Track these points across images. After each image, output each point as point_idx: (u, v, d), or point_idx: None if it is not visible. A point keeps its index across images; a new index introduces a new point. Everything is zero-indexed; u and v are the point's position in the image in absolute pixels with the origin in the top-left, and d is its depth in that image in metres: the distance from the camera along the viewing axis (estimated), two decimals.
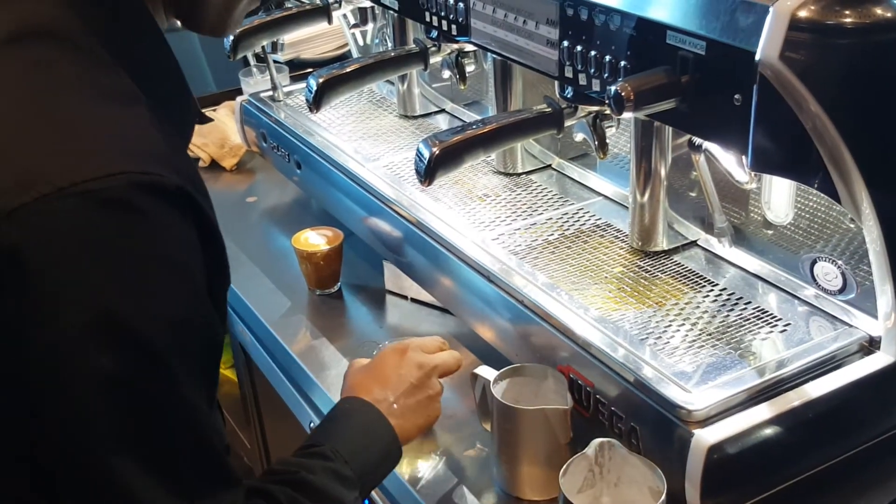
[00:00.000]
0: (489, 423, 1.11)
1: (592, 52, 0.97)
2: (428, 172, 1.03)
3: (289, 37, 2.12)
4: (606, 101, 0.87)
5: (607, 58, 0.95)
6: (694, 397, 0.95)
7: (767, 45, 0.77)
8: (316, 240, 1.46)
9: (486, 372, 1.12)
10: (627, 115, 0.86)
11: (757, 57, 0.78)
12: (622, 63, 0.93)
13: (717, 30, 0.83)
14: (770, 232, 1.13)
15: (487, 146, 1.08)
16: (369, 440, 1.01)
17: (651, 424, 0.98)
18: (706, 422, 0.94)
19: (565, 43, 1.00)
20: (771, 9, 0.77)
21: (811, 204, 1.07)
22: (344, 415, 1.04)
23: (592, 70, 0.97)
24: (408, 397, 1.06)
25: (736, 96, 0.82)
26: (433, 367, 1.10)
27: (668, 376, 0.99)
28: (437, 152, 1.03)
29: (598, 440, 0.99)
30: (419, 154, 1.04)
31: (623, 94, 0.85)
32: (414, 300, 1.45)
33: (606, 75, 0.96)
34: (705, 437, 0.92)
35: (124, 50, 0.75)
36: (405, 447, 1.05)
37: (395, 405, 1.05)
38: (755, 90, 0.80)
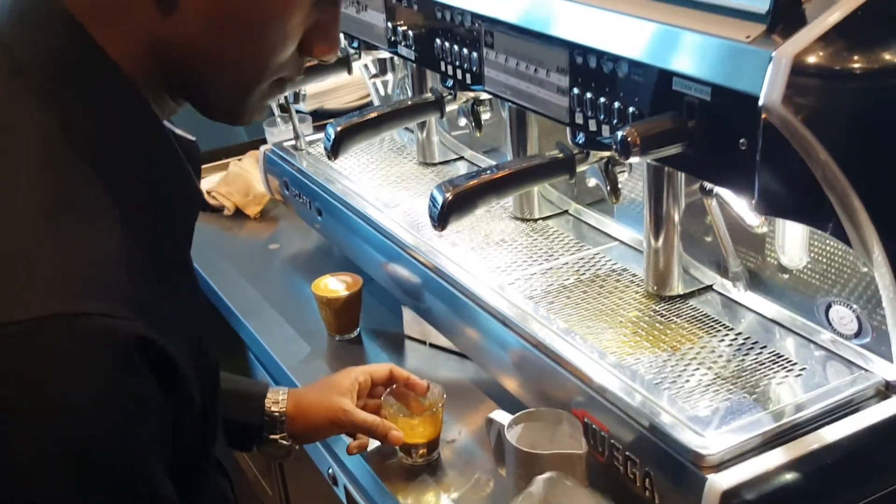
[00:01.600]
0: (505, 467, 1.11)
1: (602, 99, 0.98)
2: (441, 218, 1.05)
3: (313, 87, 2.17)
4: (614, 147, 0.89)
5: (616, 104, 0.96)
6: (708, 442, 0.95)
7: (770, 90, 0.78)
8: (335, 285, 1.47)
9: (501, 416, 1.12)
10: (635, 159, 0.88)
11: (760, 102, 0.79)
12: (630, 109, 0.95)
13: (722, 75, 0.84)
14: (786, 276, 1.13)
15: (500, 191, 1.10)
16: None
17: (665, 469, 0.97)
18: (720, 466, 0.93)
19: (575, 90, 1.01)
20: (773, 54, 0.78)
21: (826, 248, 1.07)
22: None
23: (602, 116, 0.99)
24: None
25: (741, 141, 0.83)
26: None
27: (683, 421, 0.99)
28: (451, 198, 1.04)
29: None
30: (433, 199, 1.06)
31: (629, 139, 0.87)
32: (432, 345, 1.45)
33: (616, 121, 0.97)
34: (719, 481, 0.91)
35: (105, 147, 0.72)
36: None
37: None
38: (759, 135, 0.81)
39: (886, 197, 0.87)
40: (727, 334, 1.13)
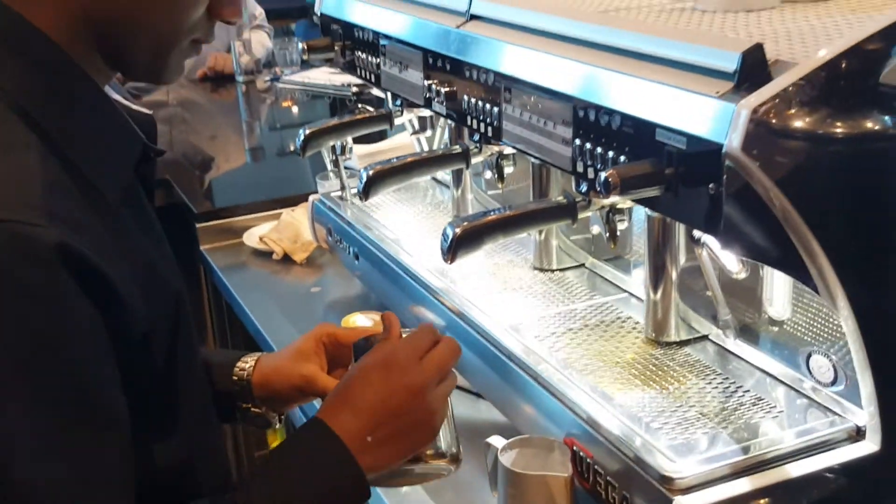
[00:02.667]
0: (497, 489, 1.19)
1: (598, 149, 1.08)
2: (450, 250, 1.15)
3: (366, 149, 2.32)
4: (598, 187, 0.98)
5: (610, 153, 1.06)
6: (679, 467, 1.02)
7: (732, 138, 0.88)
8: (363, 321, 1.58)
9: (497, 441, 1.20)
10: (615, 198, 0.97)
11: (723, 149, 0.89)
12: (622, 158, 1.05)
13: (695, 126, 0.94)
14: (774, 328, 1.20)
15: (506, 231, 1.20)
16: (318, 484, 0.91)
17: (639, 493, 1.04)
18: (688, 490, 1.00)
19: (577, 141, 1.12)
20: (735, 106, 0.88)
21: (808, 299, 1.14)
22: (293, 449, 0.94)
23: (599, 165, 1.09)
24: (388, 427, 0.94)
25: (710, 185, 0.92)
26: (424, 386, 0.96)
27: (660, 449, 1.06)
28: (460, 233, 1.15)
29: None
30: (444, 234, 1.17)
31: (611, 179, 0.96)
32: None
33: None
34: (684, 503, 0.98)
35: (32, 98, 0.83)
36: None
37: (369, 438, 0.93)
38: (724, 179, 0.90)
39: (846, 243, 0.95)
40: (715, 378, 1.21)
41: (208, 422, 1.02)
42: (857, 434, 1.07)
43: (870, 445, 1.06)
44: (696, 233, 1.17)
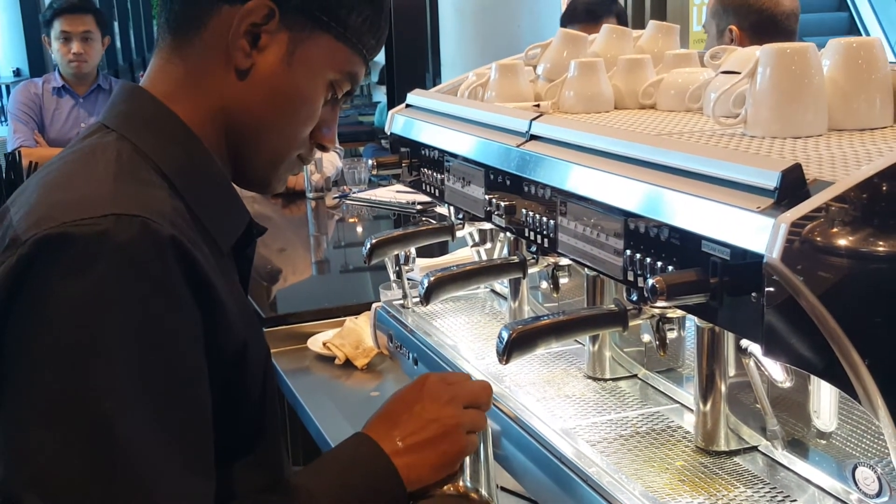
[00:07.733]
0: None
1: (648, 259, 1.15)
2: (505, 352, 1.21)
3: (429, 262, 2.41)
4: (645, 293, 1.04)
5: (659, 263, 1.13)
6: None
7: (771, 250, 0.94)
8: None
9: None
10: (661, 303, 1.03)
11: (764, 260, 0.95)
12: (670, 268, 1.11)
13: (738, 239, 1.00)
14: (823, 441, 1.23)
15: (559, 334, 1.26)
16: (357, 480, 1.03)
17: None
18: None
19: (628, 252, 1.18)
20: (774, 220, 0.94)
21: (854, 411, 1.17)
22: (338, 451, 1.07)
23: (648, 274, 1.15)
24: (416, 433, 1.07)
25: (753, 294, 0.98)
26: (451, 397, 1.11)
27: None
28: (514, 335, 1.21)
29: None
30: (500, 336, 1.23)
31: (657, 286, 1.02)
32: (504, 489, 1.57)
33: None
34: None
35: (167, 161, 1.01)
36: None
37: (399, 442, 1.05)
38: (764, 289, 0.95)
39: (887, 356, 0.99)
40: (763, 487, 1.23)
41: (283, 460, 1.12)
42: None
43: None
44: (744, 343, 1.22)
